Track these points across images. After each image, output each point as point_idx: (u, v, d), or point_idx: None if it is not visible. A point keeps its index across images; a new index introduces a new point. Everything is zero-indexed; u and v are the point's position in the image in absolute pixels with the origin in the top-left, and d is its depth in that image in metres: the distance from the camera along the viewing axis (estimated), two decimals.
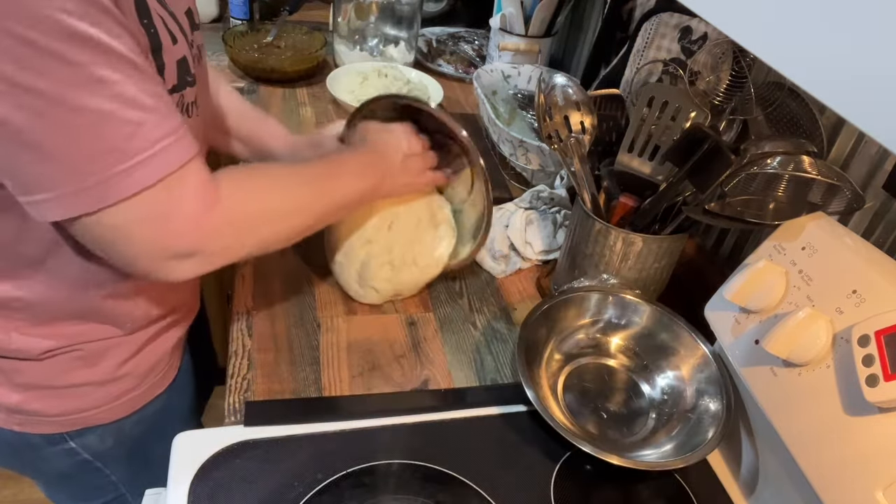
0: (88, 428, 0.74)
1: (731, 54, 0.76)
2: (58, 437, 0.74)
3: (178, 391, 0.83)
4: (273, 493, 0.61)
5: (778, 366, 0.59)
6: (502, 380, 0.77)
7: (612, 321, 0.79)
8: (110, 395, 0.74)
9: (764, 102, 0.75)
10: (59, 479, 0.81)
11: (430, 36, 1.58)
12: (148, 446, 0.80)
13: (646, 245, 0.76)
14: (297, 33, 1.43)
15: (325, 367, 0.74)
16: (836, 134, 0.75)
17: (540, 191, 0.99)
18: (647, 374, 0.76)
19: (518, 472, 0.67)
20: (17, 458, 0.78)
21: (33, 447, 0.74)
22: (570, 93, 0.82)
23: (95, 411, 0.74)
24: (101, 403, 0.74)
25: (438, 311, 0.85)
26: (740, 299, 0.64)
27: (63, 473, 0.79)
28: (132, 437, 0.79)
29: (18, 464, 0.79)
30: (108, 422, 0.75)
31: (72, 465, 0.77)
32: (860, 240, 0.59)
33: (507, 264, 0.93)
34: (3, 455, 0.78)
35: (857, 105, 0.33)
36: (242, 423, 0.66)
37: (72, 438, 0.75)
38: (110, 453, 0.79)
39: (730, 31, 0.42)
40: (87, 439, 0.76)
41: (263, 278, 0.84)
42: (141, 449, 0.81)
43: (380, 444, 0.66)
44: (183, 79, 0.60)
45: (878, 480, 0.49)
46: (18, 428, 0.72)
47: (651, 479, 0.68)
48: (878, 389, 0.49)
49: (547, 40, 1.38)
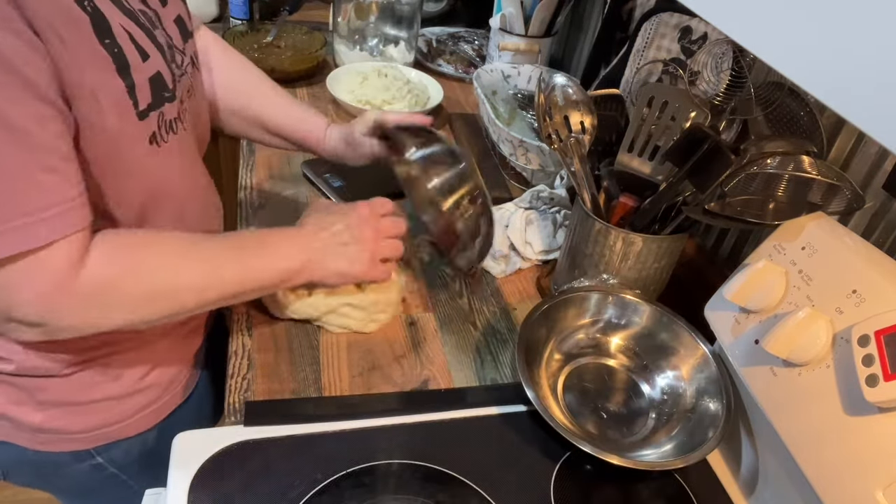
0: (114, 442, 0.74)
1: (731, 54, 0.76)
2: (84, 454, 0.73)
3: (199, 399, 0.82)
4: (273, 493, 0.60)
5: (778, 366, 0.59)
6: (502, 380, 0.77)
7: (612, 321, 0.79)
8: (133, 408, 0.73)
9: (764, 102, 0.75)
10: (83, 494, 0.80)
11: (430, 36, 1.58)
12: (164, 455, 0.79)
13: (646, 245, 0.76)
14: (297, 33, 1.43)
15: (325, 367, 0.74)
16: (836, 134, 0.75)
17: (540, 191, 0.99)
18: (647, 374, 0.76)
19: (518, 472, 0.67)
20: (40, 476, 0.77)
21: (58, 465, 0.73)
22: (570, 93, 0.82)
23: (119, 426, 0.73)
24: (124, 417, 0.73)
25: (438, 311, 0.85)
26: (740, 299, 0.63)
27: (88, 488, 0.78)
28: (157, 447, 0.77)
29: (41, 482, 0.78)
30: (132, 435, 0.75)
31: (99, 480, 0.76)
32: (860, 240, 0.59)
33: (507, 264, 0.93)
34: (25, 475, 0.76)
35: (857, 105, 0.33)
36: (242, 423, 0.66)
37: (98, 454, 0.74)
38: (136, 465, 0.78)
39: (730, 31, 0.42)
40: (114, 453, 0.75)
41: None
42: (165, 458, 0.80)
43: (380, 444, 0.66)
44: (159, 95, 0.58)
45: (878, 480, 0.49)
46: (42, 447, 0.71)
47: (651, 479, 0.68)
48: (878, 389, 0.48)
49: (547, 40, 1.38)
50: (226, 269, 0.61)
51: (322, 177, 1.03)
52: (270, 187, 1.02)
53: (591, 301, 0.79)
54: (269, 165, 1.07)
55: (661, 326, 0.77)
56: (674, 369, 0.75)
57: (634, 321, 0.78)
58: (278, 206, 0.98)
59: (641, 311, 0.78)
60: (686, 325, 0.75)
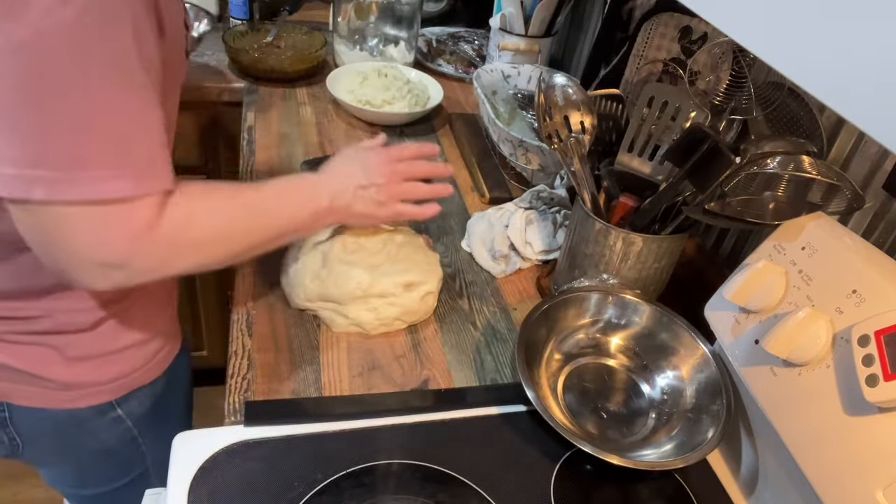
0: (132, 392, 0.78)
1: (731, 54, 0.76)
2: (107, 406, 0.77)
3: (185, 354, 0.88)
4: (273, 493, 0.61)
5: (778, 366, 0.59)
6: (502, 380, 0.77)
7: (611, 321, 0.79)
8: (148, 354, 0.78)
9: (764, 102, 0.75)
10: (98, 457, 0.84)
11: (430, 36, 1.58)
12: (167, 404, 0.86)
13: (646, 245, 0.76)
14: (297, 33, 1.43)
15: (325, 367, 0.74)
16: (836, 134, 0.75)
17: (540, 191, 0.99)
18: (647, 374, 0.76)
19: (518, 472, 0.67)
20: (61, 440, 0.80)
21: (81, 422, 0.77)
22: (570, 93, 0.82)
23: (138, 373, 0.78)
24: (142, 364, 0.78)
25: (438, 311, 0.85)
26: (740, 299, 0.63)
27: (104, 449, 0.82)
28: (161, 397, 0.83)
29: (58, 450, 0.81)
30: (147, 383, 0.80)
31: (116, 437, 0.81)
32: (860, 240, 0.59)
33: (507, 264, 0.93)
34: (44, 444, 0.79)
35: (857, 105, 0.33)
36: (242, 423, 0.66)
37: (119, 406, 0.78)
38: (146, 417, 0.82)
39: (730, 30, 0.42)
40: (131, 404, 0.79)
41: (264, 278, 0.84)
42: (163, 408, 0.85)
43: (380, 444, 0.66)
44: None
45: (878, 480, 0.49)
46: (70, 405, 0.74)
47: (651, 479, 0.68)
48: (878, 389, 0.49)
49: (547, 40, 1.38)
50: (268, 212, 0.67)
51: None
52: None
53: (591, 301, 0.79)
54: (269, 165, 1.07)
55: (661, 326, 0.77)
56: (674, 369, 0.75)
57: (634, 321, 0.78)
58: None
59: (641, 311, 0.78)
60: (686, 325, 0.75)
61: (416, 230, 0.91)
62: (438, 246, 0.96)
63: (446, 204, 1.05)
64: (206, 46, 1.38)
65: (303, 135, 1.17)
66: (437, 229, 1.00)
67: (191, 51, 0.71)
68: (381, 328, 0.79)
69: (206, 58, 1.36)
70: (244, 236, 0.65)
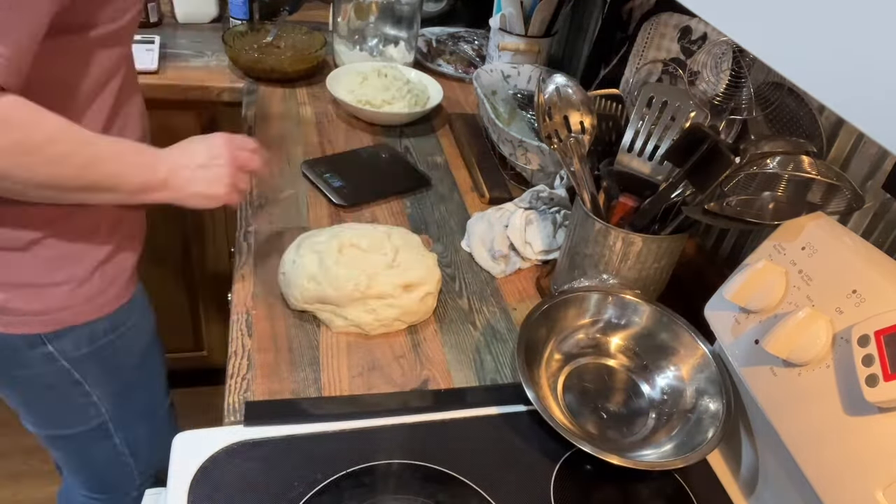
0: (63, 329, 0.79)
1: (730, 54, 0.76)
2: (36, 339, 0.79)
3: (139, 311, 0.89)
4: (273, 493, 0.61)
5: (778, 366, 0.59)
6: (502, 380, 0.77)
7: (611, 321, 0.79)
8: (83, 295, 0.79)
9: (764, 102, 0.75)
10: (39, 391, 0.85)
11: (430, 36, 1.58)
12: (120, 360, 0.88)
13: (645, 245, 0.76)
14: (297, 33, 1.43)
15: (324, 367, 0.74)
16: (835, 134, 0.75)
17: (540, 191, 0.99)
18: (647, 374, 0.76)
19: (518, 472, 0.67)
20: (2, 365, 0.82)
21: (15, 349, 0.79)
22: (569, 93, 0.82)
23: (70, 311, 0.79)
24: (75, 303, 0.79)
25: (438, 311, 0.85)
26: (740, 299, 0.64)
27: (45, 384, 0.83)
28: (104, 346, 0.84)
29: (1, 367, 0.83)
30: (81, 323, 0.81)
31: (52, 374, 0.82)
32: (860, 240, 0.59)
33: (507, 264, 0.93)
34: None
35: (857, 105, 0.33)
36: (242, 423, 0.66)
37: (49, 342, 0.79)
38: (86, 362, 0.83)
39: (730, 31, 0.42)
40: (63, 343, 0.81)
41: (263, 278, 0.84)
42: (114, 362, 0.86)
43: (380, 444, 0.67)
44: None
45: (878, 480, 0.49)
46: (2, 329, 0.76)
47: (651, 479, 0.69)
48: (878, 389, 0.49)
49: (547, 40, 1.37)
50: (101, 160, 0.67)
51: (322, 176, 1.03)
52: (270, 187, 1.02)
53: (591, 301, 0.79)
54: (268, 165, 1.07)
55: (661, 326, 0.77)
56: (674, 369, 0.75)
57: (634, 321, 0.78)
58: (278, 206, 0.98)
59: (641, 311, 0.78)
60: (686, 325, 0.75)
61: (416, 230, 0.91)
62: (438, 246, 0.96)
63: (446, 204, 1.05)
64: (206, 46, 1.38)
65: (303, 135, 1.17)
66: (437, 229, 1.00)
67: None
68: (381, 329, 0.79)
69: (206, 58, 1.36)
70: (67, 168, 0.64)
